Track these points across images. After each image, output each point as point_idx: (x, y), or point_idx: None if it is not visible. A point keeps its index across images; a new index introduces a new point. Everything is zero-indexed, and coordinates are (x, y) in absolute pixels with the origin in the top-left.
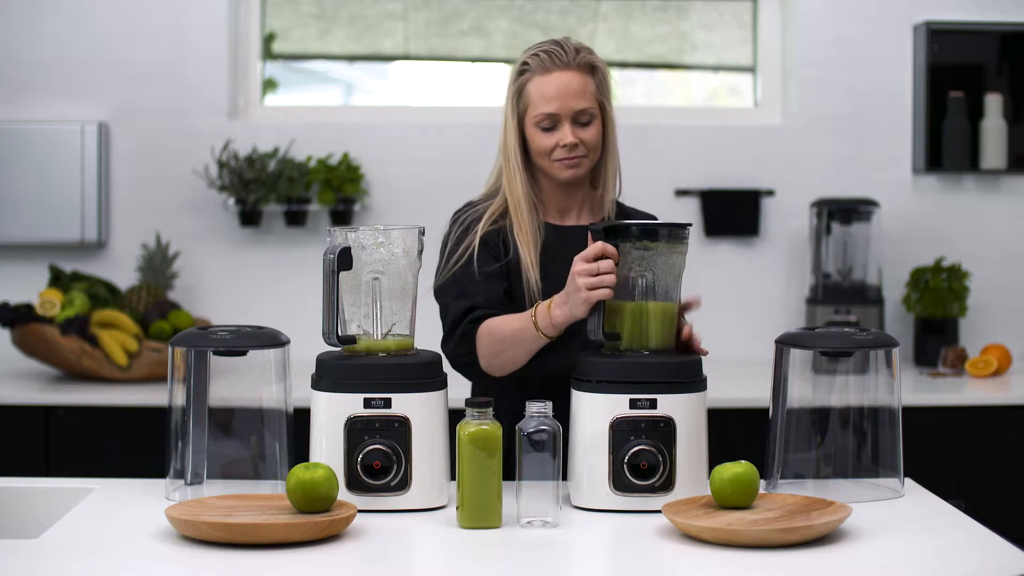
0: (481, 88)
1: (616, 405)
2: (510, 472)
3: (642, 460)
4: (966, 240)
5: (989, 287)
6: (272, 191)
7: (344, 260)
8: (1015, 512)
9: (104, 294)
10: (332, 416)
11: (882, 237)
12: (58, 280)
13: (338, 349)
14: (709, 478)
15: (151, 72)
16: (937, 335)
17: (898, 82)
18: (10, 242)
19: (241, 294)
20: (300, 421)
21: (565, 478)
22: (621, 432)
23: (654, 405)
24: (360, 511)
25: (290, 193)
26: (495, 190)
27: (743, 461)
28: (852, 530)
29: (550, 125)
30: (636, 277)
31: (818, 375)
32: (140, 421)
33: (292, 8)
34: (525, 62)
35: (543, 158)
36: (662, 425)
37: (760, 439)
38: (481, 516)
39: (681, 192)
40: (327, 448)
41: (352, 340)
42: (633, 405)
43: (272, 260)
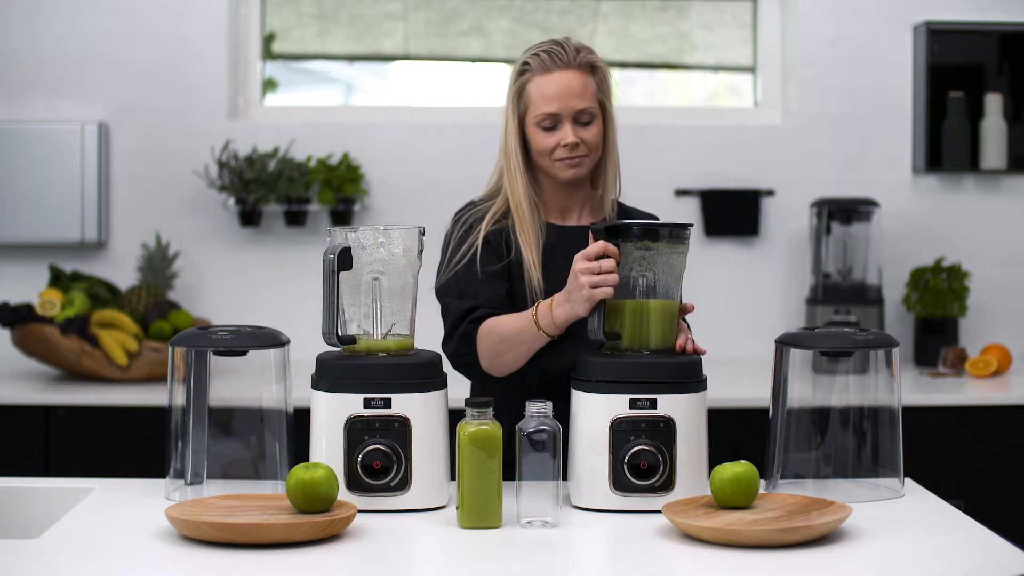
0: (481, 88)
1: (616, 405)
2: (510, 472)
3: (642, 460)
4: (966, 240)
5: (989, 287)
6: (272, 191)
7: (344, 260)
8: (1015, 512)
9: (104, 294)
10: (332, 416)
11: (882, 237)
12: (58, 280)
13: (338, 349)
14: (709, 478)
15: (151, 72)
16: (937, 335)
17: (898, 82)
18: (10, 242)
19: (241, 294)
20: (300, 421)
21: (565, 478)
22: (621, 432)
23: (654, 405)
24: (360, 511)
25: (290, 193)
26: (496, 190)
27: (743, 461)
28: (852, 530)
29: (551, 125)
30: (637, 277)
31: (818, 375)
32: (140, 421)
33: (292, 8)
34: (526, 62)
35: (544, 158)
36: (662, 425)
37: (760, 439)
38: (481, 516)
39: (681, 192)
40: (327, 448)
41: (352, 340)
42: (633, 405)
43: (272, 260)
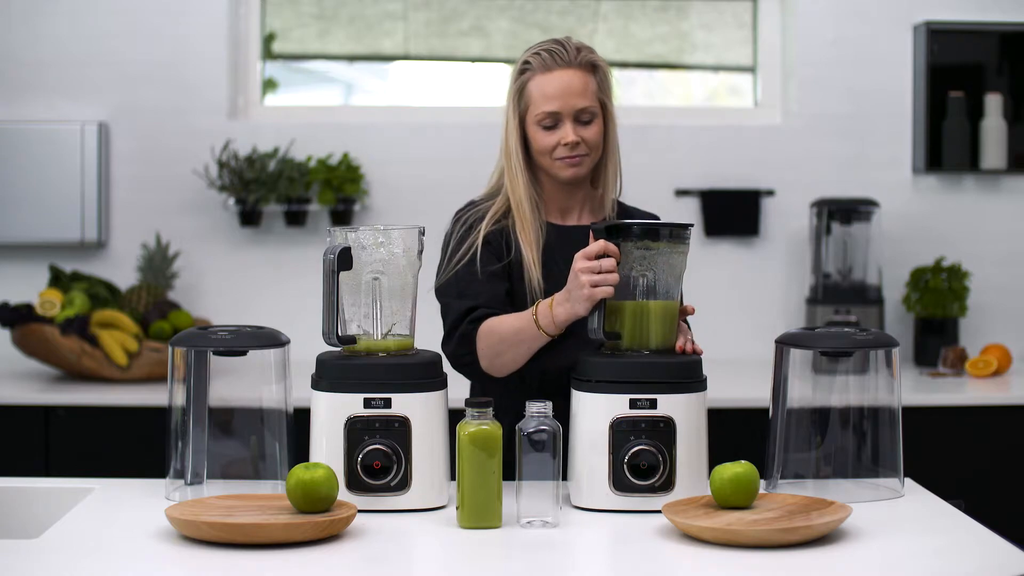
0: (481, 88)
1: (616, 405)
2: (510, 472)
3: (642, 460)
4: (966, 240)
5: (989, 287)
6: (272, 191)
7: (344, 260)
8: (1015, 512)
9: (104, 294)
10: (332, 416)
11: (882, 237)
12: (58, 280)
13: (338, 349)
14: (709, 478)
15: (151, 72)
16: (937, 335)
17: (898, 82)
18: (10, 242)
19: (241, 294)
20: (300, 421)
21: (565, 478)
22: (621, 432)
23: (654, 405)
24: (360, 511)
25: (290, 193)
26: (496, 190)
27: (743, 461)
28: (852, 530)
29: (551, 124)
30: (637, 277)
31: (818, 375)
32: (140, 421)
33: (292, 8)
34: (526, 61)
35: (544, 157)
36: (662, 425)
37: (760, 439)
38: (481, 516)
39: (681, 192)
40: (327, 448)
41: (352, 340)
42: (633, 405)
43: (272, 260)
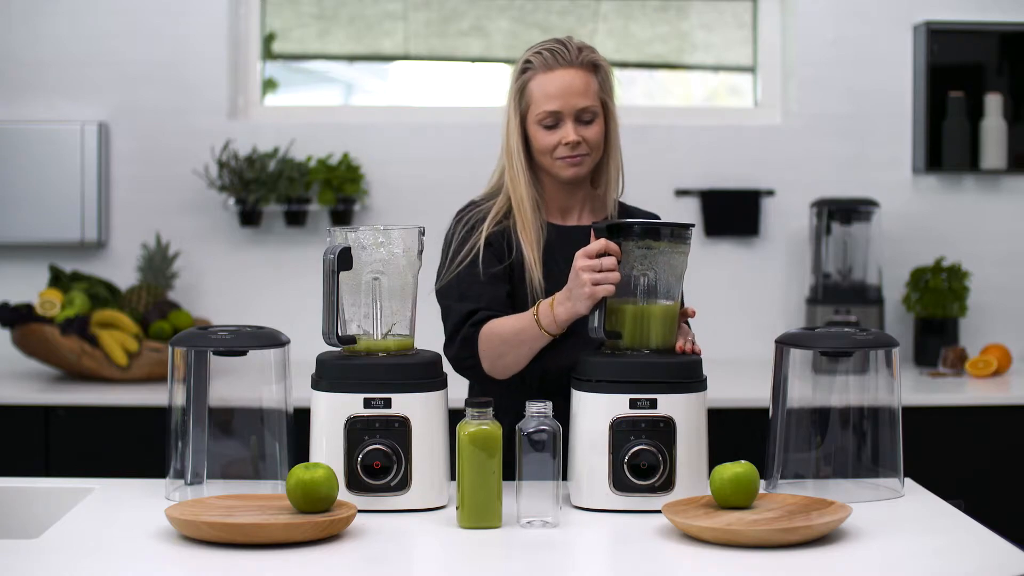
0: (481, 88)
1: (616, 405)
2: (510, 472)
3: (642, 460)
4: (966, 240)
5: (989, 287)
6: (272, 191)
7: (344, 260)
8: (1015, 512)
9: (104, 294)
10: (332, 416)
11: (882, 237)
12: (58, 280)
13: (338, 349)
14: (709, 478)
15: (151, 72)
16: (937, 335)
17: (898, 82)
18: (10, 242)
19: (241, 294)
20: (300, 421)
21: (565, 478)
22: (621, 432)
23: (654, 405)
24: (360, 511)
25: (290, 193)
26: (497, 189)
27: (743, 461)
28: (852, 530)
29: (552, 123)
30: (638, 276)
31: (818, 375)
32: (140, 421)
33: (292, 8)
34: (528, 60)
35: (545, 156)
36: (662, 425)
37: (760, 439)
38: (481, 516)
39: (681, 192)
40: (327, 448)
41: (352, 340)
42: (633, 405)
43: (272, 260)
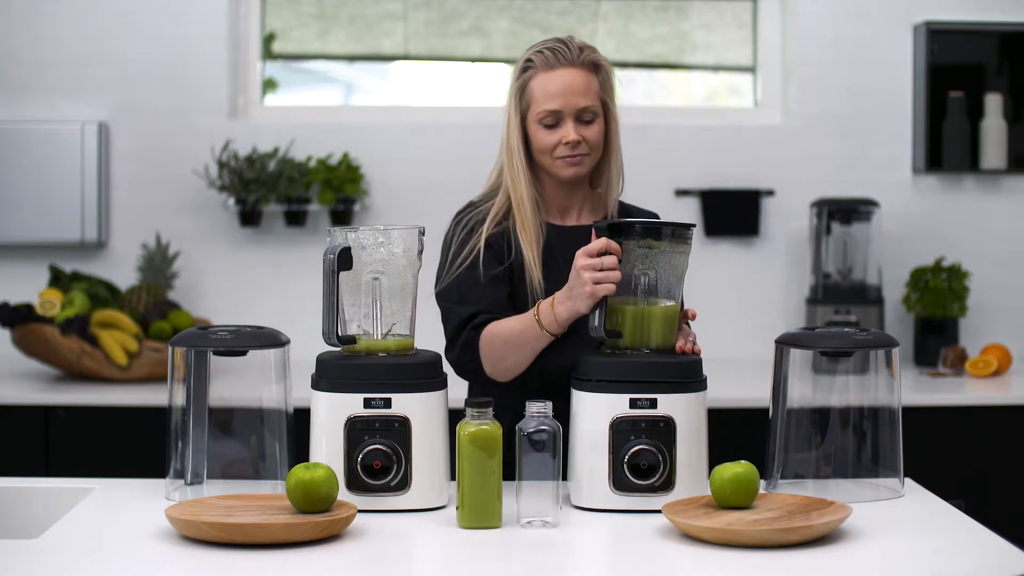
0: (481, 88)
1: (616, 405)
2: (510, 472)
3: (642, 460)
4: (966, 240)
5: (989, 287)
6: (272, 191)
7: (344, 260)
8: (1015, 512)
9: (104, 294)
10: (332, 416)
11: (882, 237)
12: (58, 280)
13: (338, 349)
14: (709, 478)
15: (151, 72)
16: (937, 335)
17: (898, 82)
18: (10, 242)
19: (241, 294)
20: (300, 421)
21: (565, 478)
22: (621, 432)
23: (654, 405)
24: (360, 511)
25: (290, 193)
26: (495, 189)
27: (743, 461)
28: (852, 530)
29: (553, 122)
30: (639, 275)
31: (818, 375)
32: (140, 421)
33: (292, 8)
34: (529, 59)
35: (545, 156)
36: (662, 425)
37: (760, 439)
38: (481, 516)
39: (681, 192)
40: (327, 448)
41: (352, 340)
42: (633, 405)
43: (272, 260)
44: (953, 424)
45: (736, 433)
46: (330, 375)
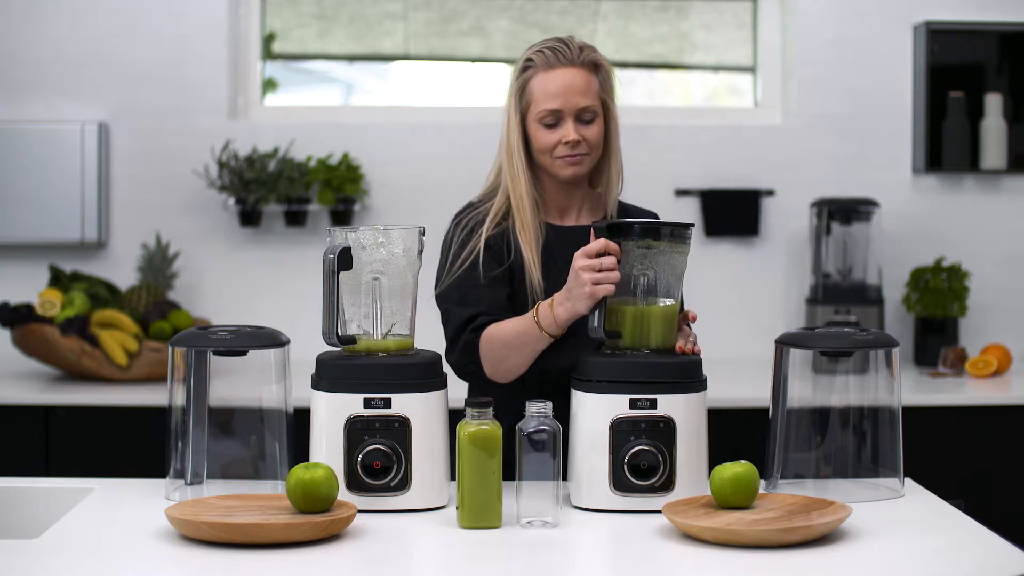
0: (481, 88)
1: (616, 405)
2: (510, 472)
3: (642, 460)
4: (966, 240)
5: (989, 287)
6: (272, 191)
7: (344, 260)
8: (1015, 512)
9: (104, 294)
10: (332, 416)
11: (882, 237)
12: (58, 280)
13: (338, 349)
14: (709, 478)
15: (151, 72)
16: (937, 335)
17: (898, 82)
18: (10, 242)
19: (241, 294)
20: (300, 421)
21: (565, 478)
22: (621, 432)
23: (654, 405)
24: (360, 511)
25: (290, 193)
26: (494, 188)
27: (743, 461)
28: (852, 530)
29: (553, 122)
30: (638, 275)
31: (818, 375)
32: (140, 421)
33: (292, 8)
34: (529, 58)
35: (545, 155)
36: (662, 425)
37: (760, 439)
38: (481, 516)
39: (681, 192)
40: (327, 448)
41: (352, 340)
42: (633, 405)
43: (272, 260)
44: (953, 424)
45: (736, 433)
46: (330, 375)
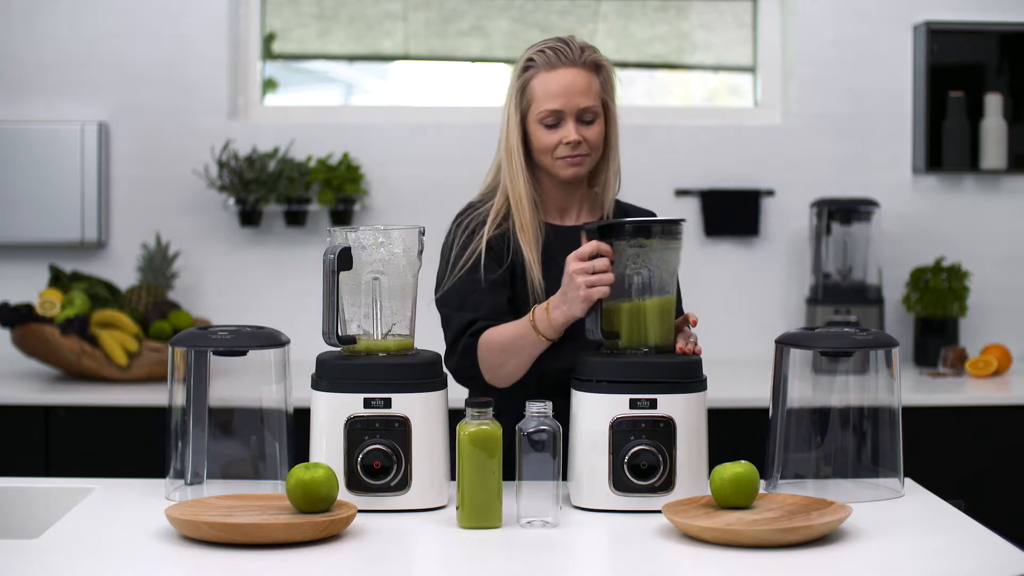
0: (481, 88)
1: (616, 405)
2: (510, 472)
3: (642, 460)
4: (966, 240)
5: (989, 287)
6: (272, 191)
7: (344, 260)
8: (1015, 512)
9: (104, 294)
10: (332, 416)
11: (882, 237)
12: (58, 280)
13: (338, 349)
14: (709, 478)
15: (151, 72)
16: (937, 335)
17: (898, 82)
18: (10, 242)
19: (241, 294)
20: (300, 421)
21: (565, 478)
22: (621, 432)
23: (654, 405)
24: (360, 511)
25: (290, 193)
26: (493, 188)
27: (743, 461)
28: (852, 530)
29: (554, 122)
30: (632, 274)
31: (818, 375)
32: (140, 421)
33: (292, 8)
34: (530, 58)
35: (545, 155)
36: (662, 425)
37: (760, 439)
38: (481, 516)
39: (681, 192)
40: (327, 448)
41: (352, 340)
42: (633, 405)
43: (272, 260)
44: (953, 424)
45: (736, 433)
46: (330, 375)
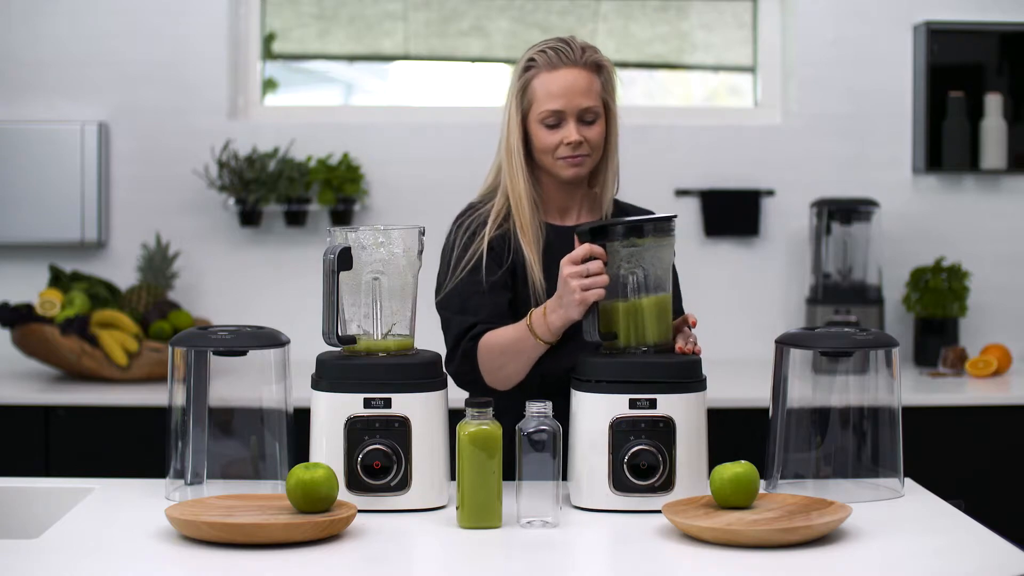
0: (481, 88)
1: (616, 405)
2: (510, 472)
3: (642, 460)
4: (966, 240)
5: (989, 287)
6: (272, 191)
7: (344, 260)
8: (1015, 512)
9: (104, 294)
10: (332, 416)
11: (882, 237)
12: (58, 280)
13: (338, 349)
14: (709, 478)
15: (151, 72)
16: (937, 335)
17: (898, 82)
18: (10, 242)
19: (241, 294)
20: (300, 421)
21: (565, 478)
22: (621, 432)
23: (654, 405)
24: (360, 511)
25: (290, 193)
26: (493, 189)
27: (743, 461)
28: (852, 530)
29: (555, 122)
30: (626, 274)
31: (818, 375)
32: (140, 421)
33: (292, 8)
34: (531, 58)
35: (546, 156)
36: (662, 425)
37: (760, 439)
38: (481, 516)
39: (681, 192)
40: (327, 448)
41: (352, 340)
42: (633, 405)
43: (272, 260)
44: (953, 424)
45: (736, 433)
46: (330, 375)
